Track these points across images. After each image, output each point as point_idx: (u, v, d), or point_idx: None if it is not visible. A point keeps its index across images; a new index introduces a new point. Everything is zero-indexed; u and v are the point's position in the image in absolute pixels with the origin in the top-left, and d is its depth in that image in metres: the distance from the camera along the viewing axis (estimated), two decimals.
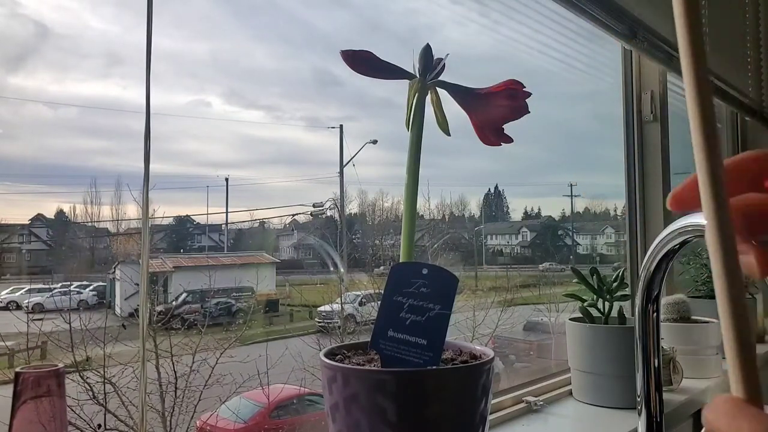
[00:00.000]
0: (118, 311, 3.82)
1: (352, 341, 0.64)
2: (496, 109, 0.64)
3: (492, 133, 0.66)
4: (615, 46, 1.58)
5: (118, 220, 5.10)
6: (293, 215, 6.55)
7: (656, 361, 0.79)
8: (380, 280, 3.87)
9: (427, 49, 0.65)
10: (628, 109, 1.59)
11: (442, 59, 0.65)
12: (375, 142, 5.50)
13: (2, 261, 4.96)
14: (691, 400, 1.17)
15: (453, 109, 0.66)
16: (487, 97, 0.64)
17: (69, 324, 2.66)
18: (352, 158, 5.23)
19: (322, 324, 4.50)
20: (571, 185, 7.48)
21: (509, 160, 8.39)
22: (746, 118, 1.96)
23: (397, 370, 0.55)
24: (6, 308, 4.03)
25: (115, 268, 4.33)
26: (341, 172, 5.20)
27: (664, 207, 1.53)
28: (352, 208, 6.34)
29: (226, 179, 5.85)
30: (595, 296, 1.14)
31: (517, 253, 8.78)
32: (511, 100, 0.64)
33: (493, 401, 0.97)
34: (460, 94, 0.65)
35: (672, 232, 0.69)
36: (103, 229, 5.36)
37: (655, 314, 0.78)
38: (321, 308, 4.78)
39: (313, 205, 5.67)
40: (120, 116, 5.26)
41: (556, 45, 1.42)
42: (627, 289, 1.18)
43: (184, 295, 4.27)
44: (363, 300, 4.35)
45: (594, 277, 1.13)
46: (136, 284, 3.51)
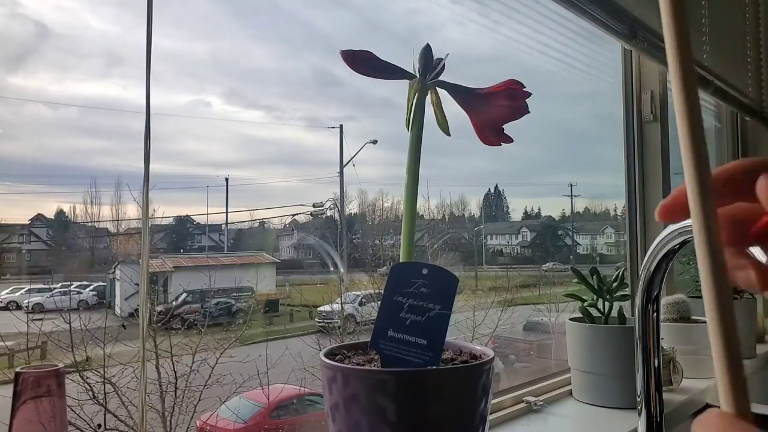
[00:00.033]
0: (118, 311, 3.82)
1: (352, 341, 0.64)
2: (496, 109, 0.64)
3: (492, 133, 0.66)
4: (615, 46, 1.58)
5: (118, 220, 5.10)
6: (293, 215, 6.56)
7: (656, 361, 0.80)
8: (381, 280, 3.87)
9: (427, 49, 0.65)
10: (628, 109, 1.59)
11: (442, 59, 0.65)
12: (375, 142, 5.50)
13: (2, 261, 4.96)
14: (691, 400, 1.17)
15: (453, 109, 0.66)
16: (487, 97, 0.64)
17: (69, 324, 2.66)
18: (352, 158, 5.24)
19: (322, 324, 4.50)
20: (571, 185, 7.49)
21: (509, 160, 8.40)
22: (746, 118, 1.97)
23: (397, 370, 0.54)
24: (6, 308, 4.03)
25: (115, 268, 4.33)
26: (341, 172, 5.21)
27: None
28: (352, 208, 6.35)
29: (226, 179, 5.86)
30: (595, 296, 1.14)
31: (517, 253, 8.78)
32: (511, 100, 0.64)
33: (493, 401, 0.97)
34: (460, 94, 0.65)
35: (672, 232, 0.69)
36: (103, 229, 5.36)
37: (655, 314, 0.78)
38: (321, 308, 4.78)
39: (313, 205, 5.67)
40: (120, 116, 5.26)
41: (556, 45, 1.42)
42: (627, 289, 1.18)
43: (184, 295, 4.28)
44: (363, 300, 4.35)
45: (594, 277, 1.13)
46: (136, 284, 3.52)
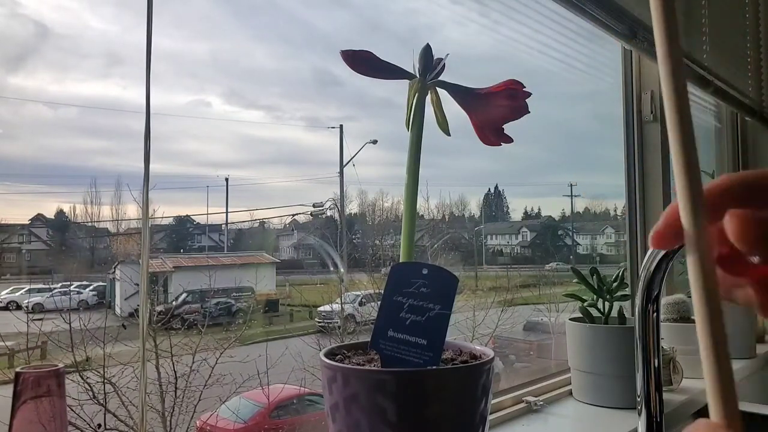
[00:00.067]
0: (118, 311, 3.82)
1: (352, 341, 0.64)
2: (496, 109, 0.64)
3: (492, 133, 0.66)
4: (615, 46, 1.58)
5: (118, 220, 5.10)
6: (293, 215, 6.56)
7: (656, 361, 0.80)
8: (381, 280, 3.86)
9: (427, 49, 0.65)
10: (628, 109, 1.59)
11: (442, 59, 0.65)
12: (375, 142, 5.50)
13: (2, 261, 4.96)
14: (691, 400, 1.17)
15: (453, 109, 0.66)
16: (487, 97, 0.64)
17: (69, 324, 2.66)
18: (352, 158, 5.24)
19: (322, 324, 4.50)
20: (571, 185, 7.48)
21: (509, 160, 8.39)
22: (746, 118, 1.97)
23: (397, 370, 0.54)
24: (6, 308, 4.03)
25: (115, 268, 4.33)
26: (341, 172, 5.21)
27: (664, 207, 1.52)
28: (352, 208, 6.34)
29: (226, 179, 5.86)
30: (595, 296, 1.14)
31: (517, 253, 8.77)
32: (511, 100, 0.64)
33: (493, 401, 0.97)
34: (460, 94, 0.65)
35: None
36: (103, 229, 5.36)
37: (655, 314, 0.78)
38: (321, 308, 4.78)
39: (313, 205, 5.67)
40: (120, 116, 5.27)
41: (556, 45, 1.42)
42: (627, 289, 1.18)
43: (184, 295, 4.28)
44: (363, 300, 4.35)
45: (594, 277, 1.13)
46: (136, 284, 3.51)
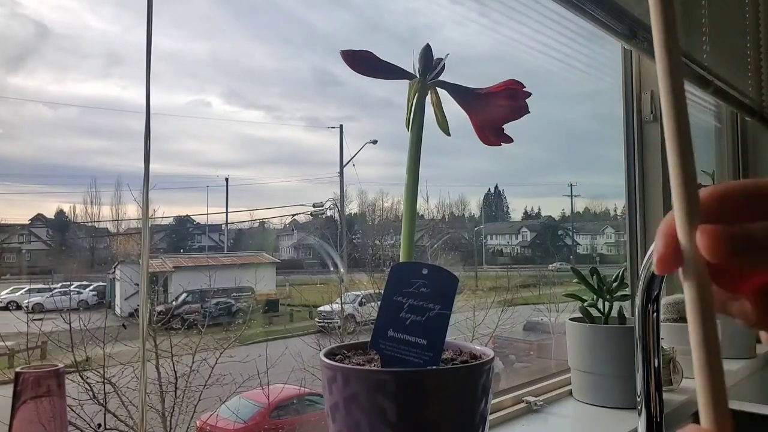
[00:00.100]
0: (118, 311, 3.82)
1: (352, 341, 0.64)
2: (496, 109, 0.64)
3: (492, 133, 0.66)
4: (615, 46, 1.58)
5: (118, 220, 5.10)
6: (293, 215, 6.56)
7: (656, 361, 0.80)
8: (381, 280, 3.86)
9: (427, 49, 0.65)
10: (628, 109, 1.59)
11: (442, 59, 0.65)
12: (375, 142, 5.50)
13: (2, 261, 4.96)
14: (691, 400, 1.17)
15: (453, 109, 0.66)
16: (487, 97, 0.64)
17: (69, 324, 2.66)
18: (352, 158, 5.24)
19: (322, 324, 4.50)
20: (571, 185, 7.48)
21: (509, 160, 8.39)
22: (746, 118, 1.96)
23: (397, 370, 0.54)
24: (6, 308, 4.03)
25: (115, 268, 4.33)
26: (341, 172, 5.21)
27: (664, 207, 1.53)
28: (352, 208, 6.34)
29: (226, 179, 5.86)
30: (595, 296, 1.14)
31: (517, 253, 8.77)
32: (511, 100, 0.64)
33: (493, 401, 0.97)
34: (460, 94, 0.65)
35: None
36: (103, 229, 5.36)
37: (655, 314, 0.78)
38: (321, 308, 4.78)
39: (313, 205, 5.67)
40: (120, 116, 5.27)
41: (556, 45, 1.42)
42: (627, 289, 1.18)
43: (184, 295, 4.28)
44: (363, 300, 4.35)
45: (594, 277, 1.13)
46: (136, 284, 3.51)
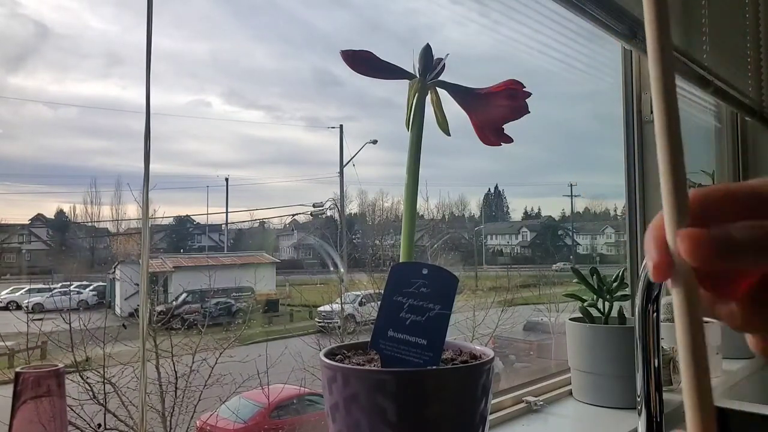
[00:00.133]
0: (118, 311, 3.82)
1: (352, 341, 0.64)
2: (496, 109, 0.64)
3: (492, 133, 0.66)
4: (615, 46, 1.57)
5: (118, 220, 5.11)
6: (293, 215, 6.57)
7: (656, 361, 0.80)
8: (381, 280, 3.86)
9: (427, 49, 0.65)
10: (628, 109, 1.59)
11: (442, 59, 0.65)
12: (375, 142, 5.51)
13: (2, 261, 4.96)
14: None
15: (453, 109, 0.66)
16: (487, 97, 0.64)
17: (69, 324, 2.66)
18: (352, 158, 5.24)
19: (322, 324, 4.50)
20: (571, 185, 7.49)
21: (509, 160, 8.40)
22: (746, 118, 1.96)
23: (397, 370, 0.54)
24: (6, 308, 4.03)
25: (115, 268, 4.34)
26: (341, 172, 5.21)
27: None
28: (352, 208, 6.35)
29: (226, 179, 5.87)
30: (595, 296, 1.14)
31: (517, 253, 8.78)
32: (511, 100, 0.64)
33: (493, 401, 0.97)
34: (460, 94, 0.65)
35: None
36: (103, 229, 5.37)
37: (655, 314, 0.78)
38: (321, 308, 4.78)
39: (313, 205, 5.68)
40: (120, 116, 5.28)
41: (556, 45, 1.42)
42: (627, 289, 1.18)
43: (184, 295, 4.28)
44: (363, 300, 4.35)
45: (594, 277, 1.13)
46: (136, 284, 3.52)
